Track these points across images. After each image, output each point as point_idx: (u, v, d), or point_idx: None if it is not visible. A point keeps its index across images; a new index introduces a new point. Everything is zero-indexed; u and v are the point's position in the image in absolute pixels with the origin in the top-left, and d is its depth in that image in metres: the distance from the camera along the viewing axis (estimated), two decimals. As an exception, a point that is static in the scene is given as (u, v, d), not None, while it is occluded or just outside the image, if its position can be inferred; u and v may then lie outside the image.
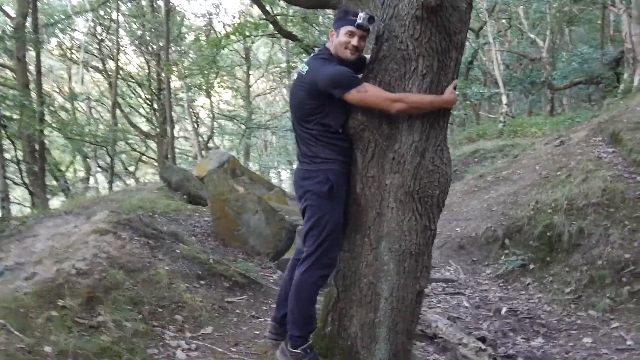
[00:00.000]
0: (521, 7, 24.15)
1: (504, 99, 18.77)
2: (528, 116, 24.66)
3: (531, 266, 5.59)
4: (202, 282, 4.30)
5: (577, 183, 5.94)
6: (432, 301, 5.10)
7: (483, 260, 6.10)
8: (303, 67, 3.10)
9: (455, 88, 2.94)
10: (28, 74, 13.06)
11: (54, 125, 16.23)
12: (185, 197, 8.35)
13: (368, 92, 2.87)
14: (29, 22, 12.79)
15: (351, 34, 2.96)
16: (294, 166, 29.35)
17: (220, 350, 3.43)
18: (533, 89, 26.37)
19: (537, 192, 6.38)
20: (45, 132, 18.31)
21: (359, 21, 2.92)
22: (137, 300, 3.62)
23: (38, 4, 17.16)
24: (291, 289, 3.08)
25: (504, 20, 26.14)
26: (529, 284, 5.39)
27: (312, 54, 3.23)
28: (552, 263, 5.45)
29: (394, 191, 2.98)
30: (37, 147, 12.68)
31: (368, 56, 3.19)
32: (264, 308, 4.33)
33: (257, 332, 3.80)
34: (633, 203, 5.42)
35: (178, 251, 4.53)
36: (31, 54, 13.90)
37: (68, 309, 3.24)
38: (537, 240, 5.71)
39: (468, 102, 21.44)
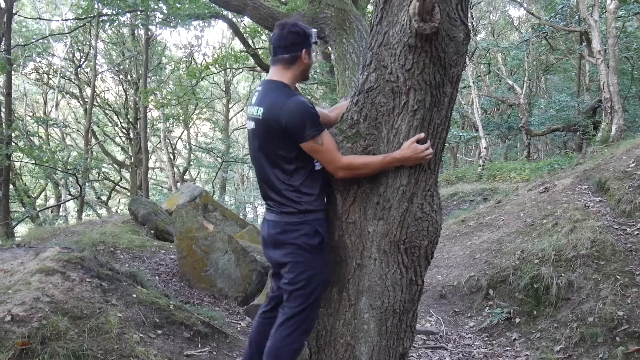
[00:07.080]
0: (500, 53, 24.61)
1: (483, 143, 18.74)
2: (504, 160, 24.84)
3: (517, 320, 5.23)
4: (159, 331, 3.83)
5: (565, 233, 5.65)
6: (412, 356, 4.69)
7: (466, 312, 5.72)
8: (256, 111, 2.55)
9: (421, 142, 2.53)
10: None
11: (22, 149, 15.58)
12: (152, 231, 7.89)
13: (323, 146, 2.49)
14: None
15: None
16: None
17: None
18: (510, 134, 26.64)
19: (522, 240, 6.08)
20: (14, 157, 17.70)
21: (315, 39, 2.68)
22: (80, 354, 3.16)
23: (15, 25, 16.86)
24: (266, 356, 2.61)
25: (482, 65, 26.58)
26: (515, 339, 5.02)
27: (260, 89, 2.64)
28: (540, 317, 5.10)
29: (378, 240, 2.63)
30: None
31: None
32: (227, 362, 3.88)
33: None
34: (624, 256, 5.14)
35: (134, 295, 4.06)
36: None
37: (-6, 365, 2.78)
38: (523, 292, 5.37)
39: (446, 144, 21.51)
